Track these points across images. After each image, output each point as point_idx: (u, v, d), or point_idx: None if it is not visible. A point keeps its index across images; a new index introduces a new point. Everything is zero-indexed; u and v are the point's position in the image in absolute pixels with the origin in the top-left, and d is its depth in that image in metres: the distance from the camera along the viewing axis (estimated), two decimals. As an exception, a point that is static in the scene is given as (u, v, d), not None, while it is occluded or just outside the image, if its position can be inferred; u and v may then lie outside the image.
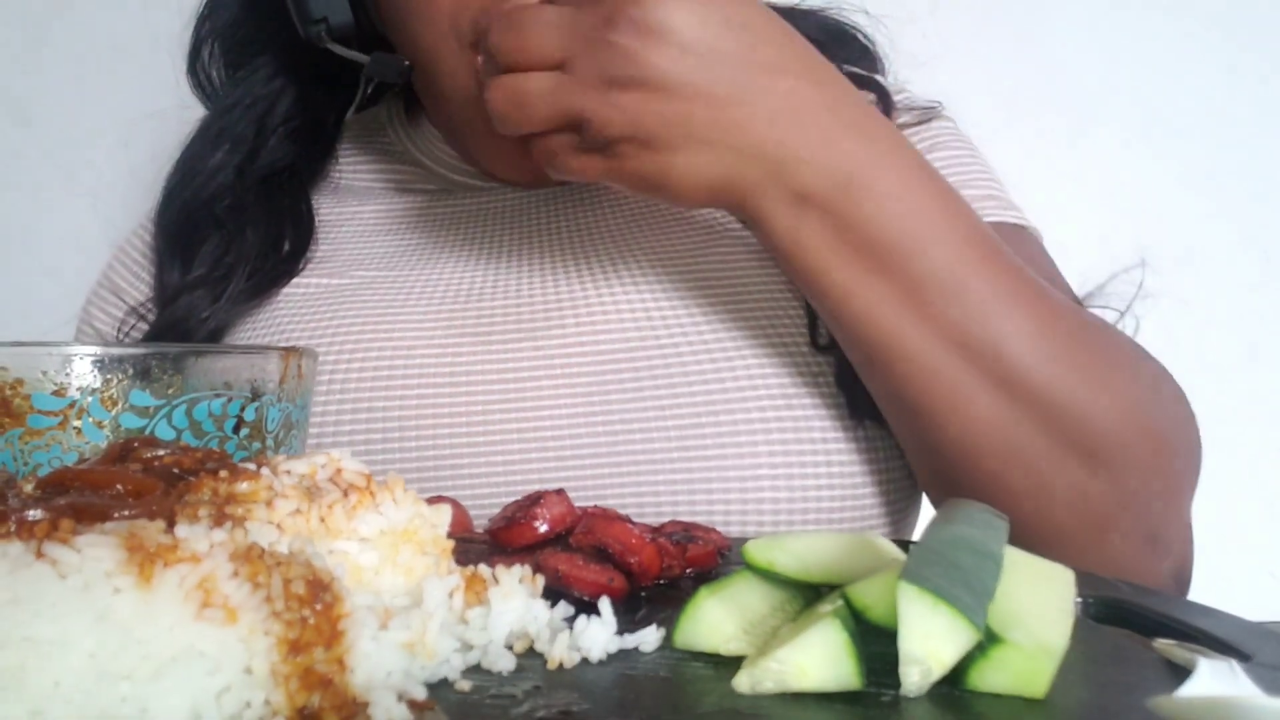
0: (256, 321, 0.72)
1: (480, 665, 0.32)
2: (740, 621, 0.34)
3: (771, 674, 0.29)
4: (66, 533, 0.28)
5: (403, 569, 0.35)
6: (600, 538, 0.41)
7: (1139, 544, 0.56)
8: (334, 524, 0.33)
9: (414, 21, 0.68)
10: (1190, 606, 0.39)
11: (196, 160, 0.79)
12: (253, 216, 0.76)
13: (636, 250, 0.71)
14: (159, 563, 0.27)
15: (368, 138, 0.84)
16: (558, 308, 0.68)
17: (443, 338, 0.68)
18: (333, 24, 0.73)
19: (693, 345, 0.66)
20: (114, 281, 0.81)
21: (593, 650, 0.33)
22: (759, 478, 0.62)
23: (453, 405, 0.65)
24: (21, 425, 0.41)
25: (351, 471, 0.36)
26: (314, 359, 0.50)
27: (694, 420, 0.63)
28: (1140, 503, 0.55)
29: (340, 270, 0.74)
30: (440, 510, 0.37)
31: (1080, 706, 0.30)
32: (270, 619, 0.28)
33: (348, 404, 0.65)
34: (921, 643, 0.29)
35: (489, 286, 0.71)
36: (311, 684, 0.28)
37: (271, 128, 0.80)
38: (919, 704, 0.29)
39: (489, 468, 0.64)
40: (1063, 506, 0.54)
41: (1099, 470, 0.53)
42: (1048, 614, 0.33)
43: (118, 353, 0.42)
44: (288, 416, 0.47)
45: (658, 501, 0.62)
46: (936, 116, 0.78)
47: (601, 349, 0.66)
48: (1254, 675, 0.30)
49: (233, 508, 0.32)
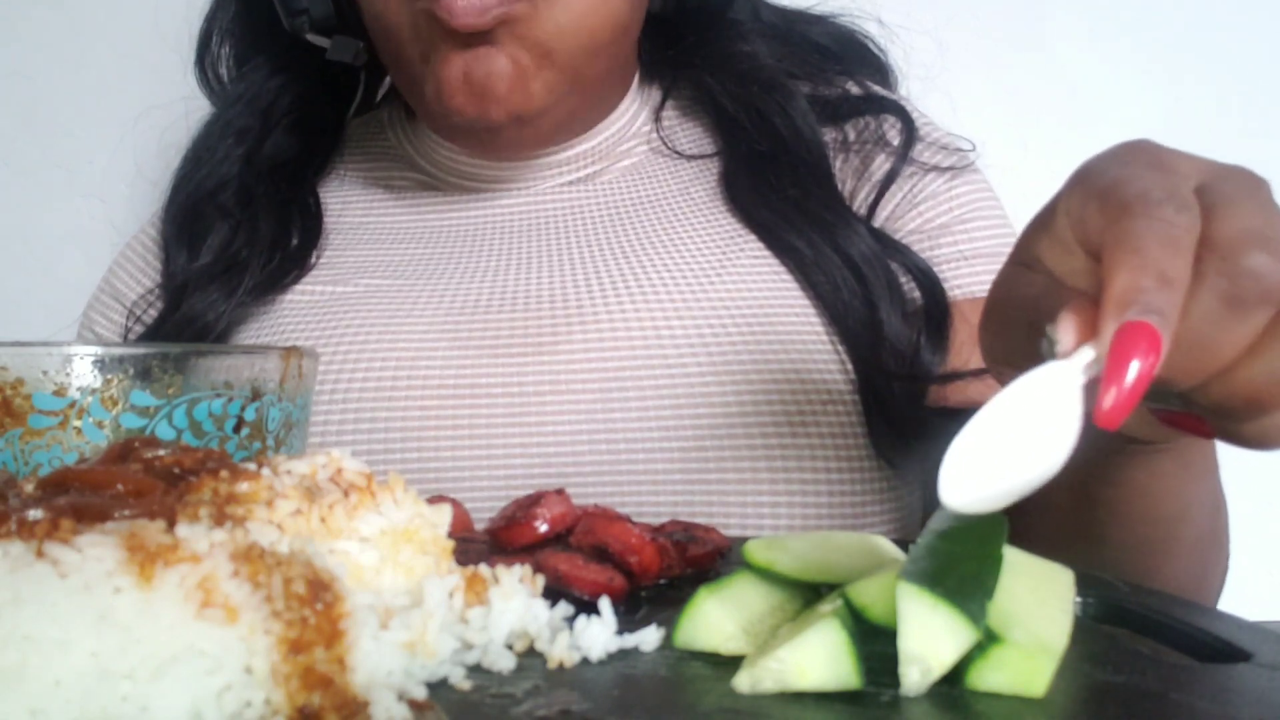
0: (262, 326, 0.72)
1: (480, 665, 0.32)
2: (740, 621, 0.34)
3: (771, 673, 0.29)
4: (67, 532, 0.28)
5: (403, 569, 0.35)
6: (600, 537, 0.41)
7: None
8: (334, 524, 0.33)
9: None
10: (1190, 606, 0.39)
11: (203, 152, 0.80)
12: (261, 206, 0.76)
13: (649, 267, 0.70)
14: (159, 562, 0.27)
15: (370, 140, 0.84)
16: (565, 322, 0.68)
17: (447, 349, 0.67)
18: (314, 16, 0.74)
19: (701, 366, 0.65)
20: (115, 286, 0.81)
21: (593, 650, 0.33)
22: (760, 504, 0.62)
23: (455, 417, 0.65)
24: (22, 425, 0.41)
25: (352, 471, 0.36)
26: (314, 359, 0.50)
27: (698, 443, 0.63)
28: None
29: (345, 277, 0.74)
30: (441, 510, 0.37)
31: (1080, 706, 0.30)
32: (270, 618, 0.28)
33: (350, 413, 0.65)
34: (921, 642, 0.29)
35: (496, 298, 0.70)
36: (312, 683, 0.28)
37: (275, 121, 0.80)
38: (919, 703, 0.29)
39: (490, 480, 0.64)
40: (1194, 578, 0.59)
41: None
42: (1047, 613, 0.33)
43: (118, 352, 0.42)
44: (288, 416, 0.47)
45: (658, 520, 0.61)
46: (969, 167, 0.75)
47: (608, 365, 0.65)
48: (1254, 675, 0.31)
49: (233, 508, 0.32)
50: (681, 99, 0.81)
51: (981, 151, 0.76)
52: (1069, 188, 0.37)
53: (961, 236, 0.71)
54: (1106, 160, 0.37)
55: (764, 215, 0.71)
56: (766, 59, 0.76)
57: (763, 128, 0.74)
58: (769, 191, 0.72)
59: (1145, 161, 0.35)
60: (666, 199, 0.75)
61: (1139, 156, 0.36)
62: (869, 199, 0.73)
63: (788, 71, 0.76)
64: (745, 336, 0.65)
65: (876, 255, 0.68)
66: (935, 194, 0.73)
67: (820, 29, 0.79)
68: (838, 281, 0.67)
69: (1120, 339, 0.30)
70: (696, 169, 0.77)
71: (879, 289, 0.67)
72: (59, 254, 1.10)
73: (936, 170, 0.73)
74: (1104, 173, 0.36)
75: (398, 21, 0.68)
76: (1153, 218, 0.32)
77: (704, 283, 0.68)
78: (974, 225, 0.72)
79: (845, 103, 0.76)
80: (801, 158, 0.73)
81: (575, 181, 0.77)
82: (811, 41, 0.79)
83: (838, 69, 0.78)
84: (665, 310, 0.67)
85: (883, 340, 0.66)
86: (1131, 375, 0.30)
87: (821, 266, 0.68)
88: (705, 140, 0.79)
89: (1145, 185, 0.33)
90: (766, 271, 0.69)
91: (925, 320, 0.68)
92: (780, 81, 0.75)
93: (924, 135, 0.75)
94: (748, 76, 0.76)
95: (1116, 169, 0.35)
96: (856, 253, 0.68)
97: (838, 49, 0.79)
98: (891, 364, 0.66)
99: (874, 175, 0.73)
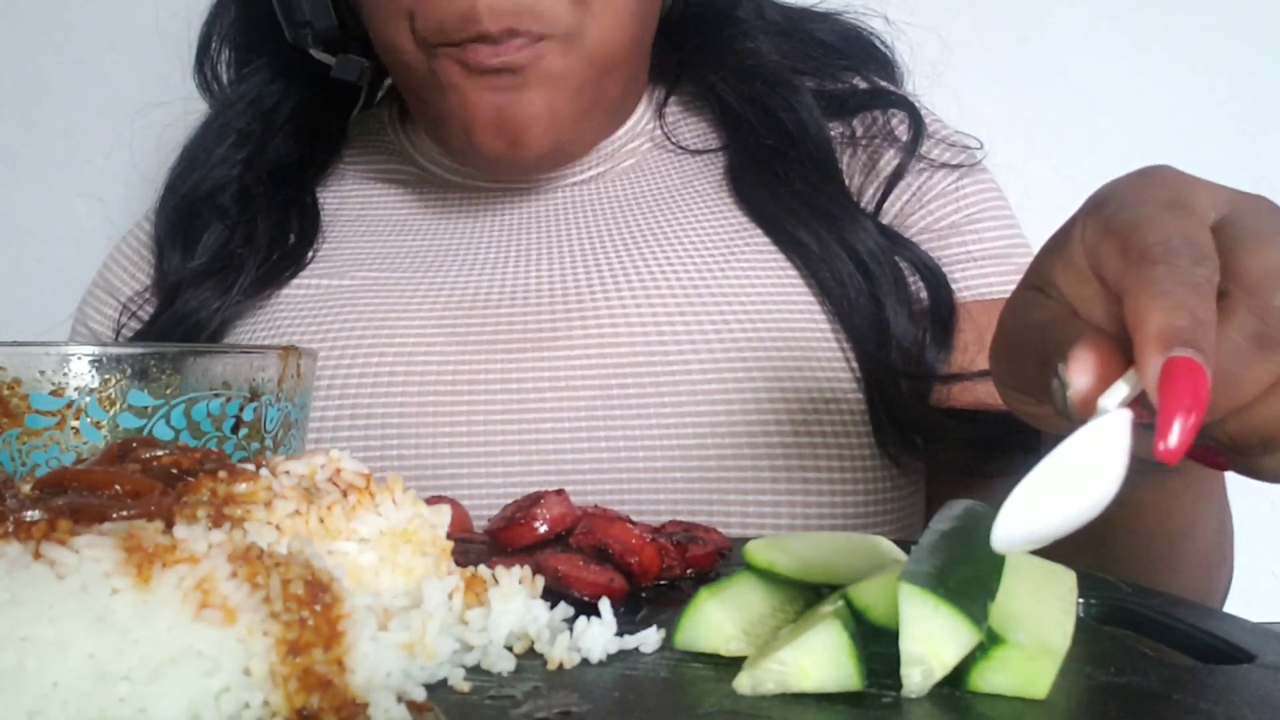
0: (257, 322, 0.72)
1: (480, 666, 0.32)
2: (741, 622, 0.34)
3: (772, 675, 0.29)
4: (64, 533, 0.28)
5: (402, 569, 0.35)
6: (600, 538, 0.41)
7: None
8: (333, 524, 0.33)
9: (378, 28, 0.69)
10: (1193, 607, 0.39)
11: (200, 152, 0.79)
12: (260, 207, 0.76)
13: (650, 261, 0.69)
14: (157, 563, 0.27)
15: (370, 137, 0.84)
16: (565, 317, 0.67)
17: (445, 344, 0.67)
18: (317, 29, 0.74)
19: (703, 363, 0.64)
20: (109, 281, 0.81)
21: (593, 651, 0.33)
22: (761, 504, 0.62)
23: (454, 413, 0.65)
24: (19, 425, 0.41)
25: (351, 472, 0.35)
26: (313, 358, 0.49)
27: (698, 441, 0.63)
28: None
29: (342, 270, 0.73)
30: (440, 511, 0.37)
31: (1082, 708, 0.29)
32: (269, 620, 0.28)
33: (347, 408, 0.65)
34: (923, 643, 0.29)
35: (495, 292, 0.70)
36: (310, 685, 0.28)
37: (277, 125, 0.80)
38: (920, 705, 0.29)
39: (488, 477, 0.63)
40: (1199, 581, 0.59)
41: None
42: (1049, 614, 0.33)
43: (116, 352, 0.42)
44: (286, 416, 0.47)
45: (658, 520, 0.61)
46: (976, 166, 0.74)
47: (608, 361, 0.65)
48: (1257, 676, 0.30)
49: (231, 508, 0.32)
50: (685, 94, 0.81)
51: (987, 148, 0.76)
52: (1085, 215, 0.37)
53: (970, 237, 0.71)
54: (1123, 193, 0.36)
55: (770, 209, 0.71)
56: (771, 55, 0.76)
57: (768, 123, 0.73)
58: (776, 185, 0.71)
59: (1164, 200, 0.35)
60: (670, 193, 0.75)
61: (1157, 193, 0.36)
62: (876, 195, 0.72)
63: (793, 67, 0.76)
64: (749, 333, 0.65)
65: (883, 251, 0.68)
66: (944, 193, 0.72)
67: (825, 26, 0.79)
68: (844, 277, 0.67)
69: (1171, 376, 0.30)
70: (701, 164, 0.77)
71: (885, 285, 0.67)
72: (57, 253, 1.10)
73: (945, 168, 0.73)
74: (1121, 208, 0.35)
75: (415, 63, 0.68)
76: (1174, 266, 0.32)
77: (707, 278, 0.68)
78: (983, 226, 0.72)
79: (852, 97, 0.76)
80: (808, 152, 0.72)
81: (580, 183, 0.77)
82: (817, 38, 0.78)
83: (843, 65, 0.78)
84: (667, 305, 0.66)
85: (889, 338, 0.66)
86: (1189, 410, 0.30)
87: (828, 262, 0.67)
88: (710, 135, 0.79)
89: (1165, 234, 0.33)
90: (772, 266, 0.69)
91: (931, 317, 0.67)
92: (785, 77, 0.75)
93: (932, 132, 0.74)
94: (752, 73, 0.75)
95: (1134, 207, 0.35)
96: (863, 248, 0.67)
97: (843, 45, 0.78)
98: (898, 362, 0.65)
99: (882, 171, 0.73)
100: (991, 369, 0.43)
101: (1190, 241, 0.33)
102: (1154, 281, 0.32)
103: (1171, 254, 0.33)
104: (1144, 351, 0.31)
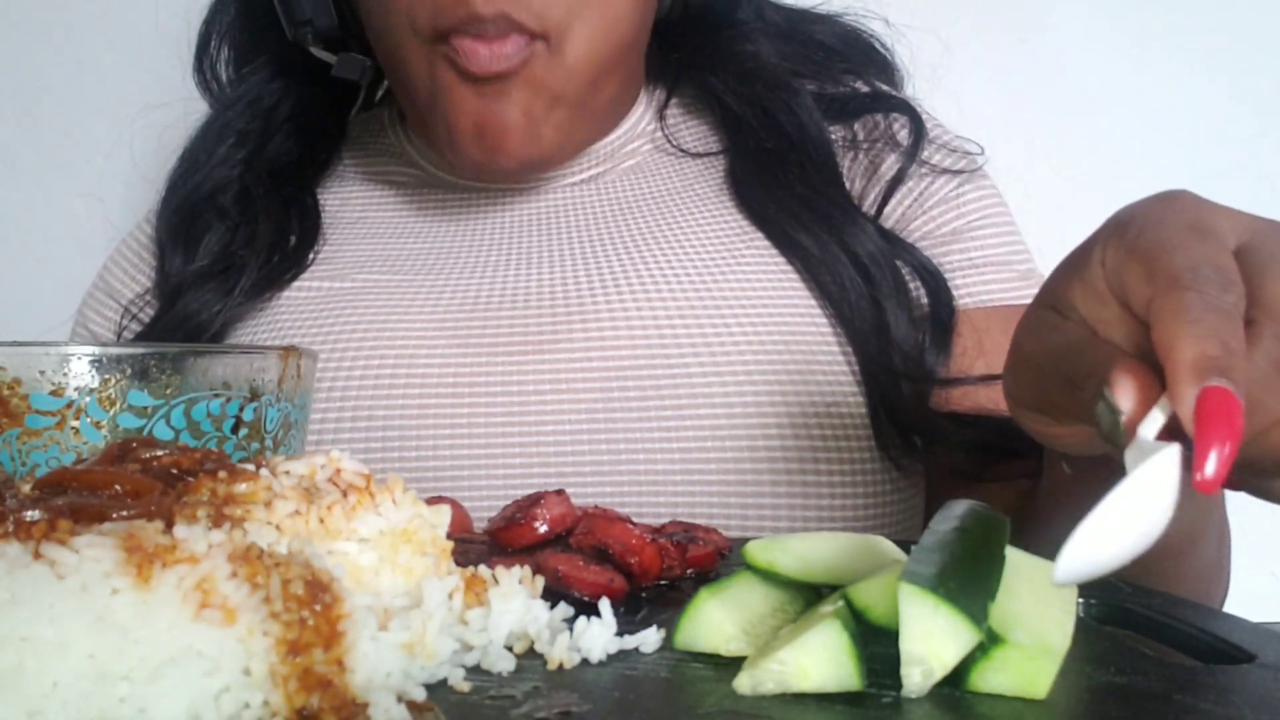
0: (258, 324, 0.72)
1: (480, 666, 0.32)
2: (741, 622, 0.34)
3: (772, 675, 0.29)
4: (64, 533, 0.27)
5: (402, 569, 0.35)
6: (600, 538, 0.41)
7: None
8: (333, 525, 0.33)
9: (376, 21, 0.69)
10: (1193, 608, 0.39)
11: (200, 153, 0.79)
12: (261, 208, 0.76)
13: (651, 264, 0.69)
14: (157, 563, 0.27)
15: (370, 139, 0.84)
16: (566, 320, 0.67)
17: (445, 346, 0.67)
18: (317, 27, 0.74)
19: (704, 367, 0.64)
20: (109, 283, 0.81)
21: (593, 651, 0.33)
22: (761, 505, 0.62)
23: (454, 415, 0.64)
24: (19, 425, 0.41)
25: (351, 472, 0.35)
26: (313, 359, 0.49)
27: (699, 443, 0.62)
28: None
29: (343, 273, 0.73)
30: (440, 511, 0.37)
31: (1082, 708, 0.29)
32: (269, 620, 0.28)
33: (347, 410, 0.65)
34: (923, 643, 0.29)
35: (496, 295, 0.70)
36: (310, 685, 0.28)
37: (277, 125, 0.80)
38: (920, 705, 0.29)
39: (489, 480, 0.63)
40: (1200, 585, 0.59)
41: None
42: (1049, 614, 0.33)
43: (116, 352, 0.42)
44: (286, 417, 0.47)
45: (658, 523, 0.61)
46: (977, 172, 0.74)
47: (609, 365, 0.65)
48: (1257, 676, 0.30)
49: (231, 508, 0.32)
50: (685, 97, 0.81)
51: (987, 150, 0.76)
52: (1105, 238, 0.36)
53: (971, 244, 0.71)
54: (1145, 216, 0.36)
55: (771, 211, 0.70)
56: (771, 58, 0.76)
57: (769, 125, 0.73)
58: (776, 188, 0.71)
59: (1187, 225, 0.35)
60: (671, 196, 0.75)
61: (1178, 217, 0.35)
62: (877, 199, 0.72)
63: (793, 70, 0.76)
64: (749, 336, 0.65)
65: (884, 254, 0.68)
66: (945, 199, 0.72)
67: (826, 28, 0.79)
68: (845, 281, 0.67)
69: (1207, 406, 0.30)
70: (701, 166, 0.77)
71: (886, 289, 0.67)
72: (57, 253, 1.10)
73: (946, 174, 0.73)
74: (1144, 231, 0.35)
75: (413, 60, 0.68)
76: (1203, 292, 0.32)
77: (708, 280, 0.68)
78: (983, 233, 0.72)
79: (853, 101, 0.76)
80: (809, 155, 0.72)
81: (579, 183, 0.77)
82: (817, 40, 0.78)
83: (844, 68, 0.78)
84: (668, 309, 0.66)
85: (890, 341, 0.66)
86: (1224, 440, 0.30)
87: (828, 265, 0.67)
88: (710, 138, 0.79)
89: (1192, 259, 0.33)
90: (773, 269, 0.69)
91: (930, 321, 0.67)
92: (785, 80, 0.75)
93: (933, 137, 0.74)
94: (752, 75, 0.75)
95: (1156, 230, 0.35)
96: (864, 251, 0.67)
97: (843, 48, 0.78)
98: (899, 365, 0.65)
99: (883, 176, 0.73)
100: (1006, 389, 0.43)
101: (1218, 267, 0.33)
102: (1185, 309, 0.32)
103: (1201, 280, 0.32)
104: (1178, 381, 0.31)
